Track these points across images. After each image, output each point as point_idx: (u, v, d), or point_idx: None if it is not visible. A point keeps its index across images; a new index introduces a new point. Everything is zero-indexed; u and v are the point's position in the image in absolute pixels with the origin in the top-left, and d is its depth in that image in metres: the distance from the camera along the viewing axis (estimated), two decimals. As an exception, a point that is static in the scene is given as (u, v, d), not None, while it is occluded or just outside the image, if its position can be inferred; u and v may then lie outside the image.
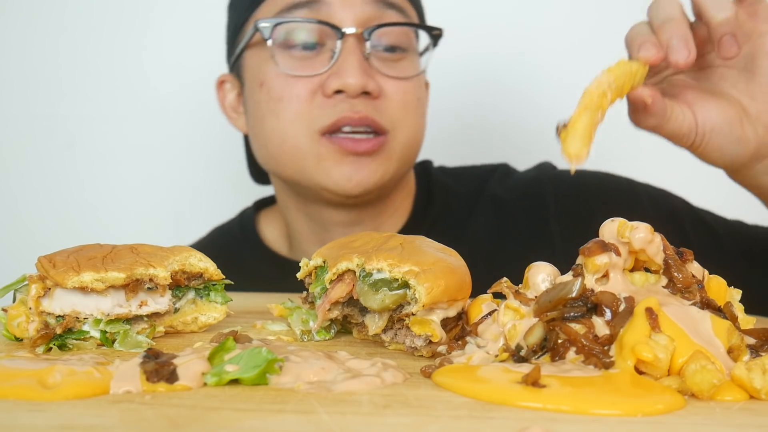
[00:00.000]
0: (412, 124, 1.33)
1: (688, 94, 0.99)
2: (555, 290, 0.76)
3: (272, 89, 1.30)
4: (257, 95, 1.33)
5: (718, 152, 0.98)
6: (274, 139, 1.31)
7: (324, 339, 0.90)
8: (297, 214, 1.44)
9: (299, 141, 1.29)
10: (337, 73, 1.25)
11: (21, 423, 0.58)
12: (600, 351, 0.70)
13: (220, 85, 1.48)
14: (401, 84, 1.31)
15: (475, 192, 1.49)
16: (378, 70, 1.28)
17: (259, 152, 1.39)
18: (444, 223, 1.46)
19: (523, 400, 0.63)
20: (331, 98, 1.26)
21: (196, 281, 0.93)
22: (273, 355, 0.69)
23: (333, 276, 0.85)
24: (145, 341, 0.87)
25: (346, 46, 1.26)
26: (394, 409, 0.62)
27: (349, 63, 1.25)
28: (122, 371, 0.68)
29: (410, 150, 1.36)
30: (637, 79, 0.91)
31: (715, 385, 0.65)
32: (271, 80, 1.30)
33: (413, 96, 1.33)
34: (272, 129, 1.31)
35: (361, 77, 1.24)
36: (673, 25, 0.91)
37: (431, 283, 0.78)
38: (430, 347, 0.80)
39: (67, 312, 0.84)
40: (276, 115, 1.30)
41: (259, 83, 1.32)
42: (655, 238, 0.77)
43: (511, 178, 1.51)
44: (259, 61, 1.33)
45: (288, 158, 1.31)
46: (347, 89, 1.24)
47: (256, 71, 1.34)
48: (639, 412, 0.61)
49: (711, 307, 0.75)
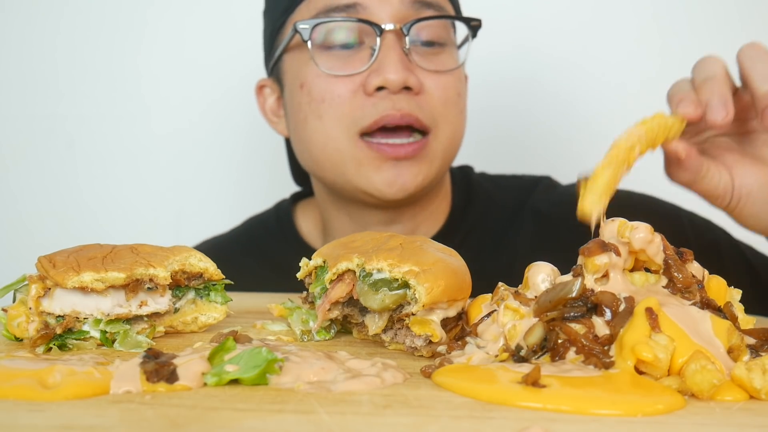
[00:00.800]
0: (453, 119, 1.33)
1: (728, 157, 1.00)
2: (555, 290, 0.76)
3: (313, 90, 1.30)
4: (298, 97, 1.33)
5: (755, 218, 1.00)
6: (317, 142, 1.31)
7: (324, 339, 0.90)
8: (337, 213, 1.44)
9: (340, 143, 1.28)
10: (377, 70, 1.25)
11: (21, 423, 0.58)
12: (600, 351, 0.70)
13: (260, 90, 1.48)
14: (441, 78, 1.30)
15: (518, 203, 1.49)
16: (418, 64, 1.28)
17: (301, 156, 1.39)
18: (483, 230, 1.46)
19: (523, 400, 0.63)
20: (372, 96, 1.26)
21: (196, 281, 0.93)
22: (273, 355, 0.69)
23: (333, 276, 0.85)
24: (145, 341, 0.87)
25: (386, 42, 1.26)
26: (394, 409, 0.62)
27: (389, 59, 1.25)
28: (122, 371, 0.68)
29: (451, 149, 1.36)
30: (672, 132, 0.93)
31: (715, 385, 0.65)
32: (312, 81, 1.30)
33: (453, 90, 1.33)
34: (314, 131, 1.31)
35: (402, 72, 1.24)
36: (714, 84, 0.93)
37: (431, 283, 0.78)
38: (430, 347, 0.80)
39: (67, 312, 0.84)
40: (318, 117, 1.29)
41: (300, 85, 1.32)
42: (655, 238, 0.77)
43: (554, 192, 1.51)
44: (299, 63, 1.33)
45: (329, 161, 1.31)
46: (388, 85, 1.24)
47: (296, 73, 1.34)
48: (639, 412, 0.61)
49: (711, 307, 0.75)
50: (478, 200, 1.50)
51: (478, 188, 1.52)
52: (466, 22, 1.35)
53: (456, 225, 1.46)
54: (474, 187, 1.52)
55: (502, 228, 1.46)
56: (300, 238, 1.51)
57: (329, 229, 1.47)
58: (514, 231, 1.45)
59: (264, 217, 1.61)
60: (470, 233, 1.46)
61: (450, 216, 1.47)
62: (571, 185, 1.52)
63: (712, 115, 0.92)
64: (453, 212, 1.48)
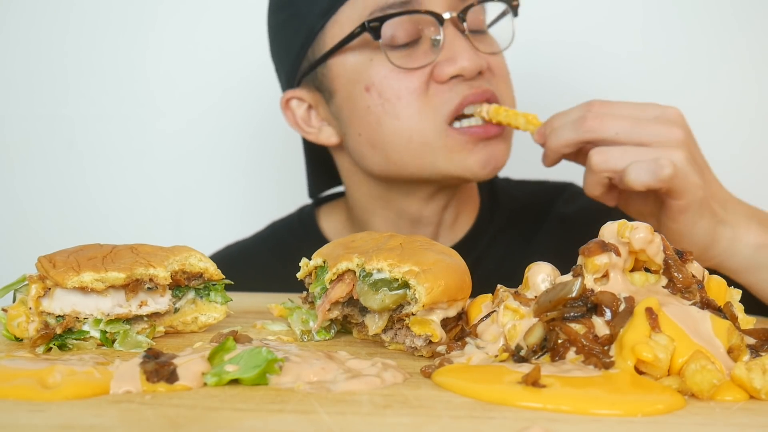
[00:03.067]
0: (511, 95, 1.37)
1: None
2: (555, 290, 0.76)
3: (385, 90, 1.28)
4: (364, 101, 1.30)
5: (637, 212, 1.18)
6: (399, 140, 1.29)
7: (324, 339, 0.90)
8: (383, 212, 1.43)
9: (427, 136, 1.28)
10: (450, 59, 1.26)
11: (21, 423, 0.58)
12: (600, 351, 0.70)
13: (287, 104, 1.43)
14: (497, 59, 1.34)
15: (543, 209, 1.51)
16: (478, 49, 1.30)
17: (372, 159, 1.35)
18: (510, 233, 1.49)
19: (523, 400, 0.63)
20: (446, 84, 1.27)
21: (196, 281, 0.93)
22: (273, 355, 0.69)
23: (333, 276, 0.85)
24: (145, 341, 0.87)
25: (449, 31, 1.27)
26: (394, 409, 0.62)
27: (460, 47, 1.26)
28: (122, 371, 0.69)
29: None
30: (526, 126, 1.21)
31: (715, 385, 0.65)
32: (381, 81, 1.28)
33: (506, 70, 1.37)
34: (394, 131, 1.29)
35: (475, 59, 1.26)
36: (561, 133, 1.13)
37: (431, 283, 0.78)
38: (430, 347, 0.80)
39: (67, 312, 0.84)
40: (395, 116, 1.28)
41: (365, 88, 1.29)
42: (655, 238, 0.77)
43: (579, 200, 1.51)
44: (357, 65, 1.30)
45: (415, 156, 1.30)
46: (465, 72, 1.25)
47: (355, 76, 1.30)
48: (639, 412, 0.61)
49: (711, 307, 0.75)
50: (504, 203, 1.53)
51: (503, 193, 1.55)
52: (508, 2, 1.37)
53: (485, 225, 1.49)
54: (499, 191, 1.55)
55: (529, 232, 1.49)
56: (326, 241, 1.50)
57: (367, 229, 1.46)
58: (540, 236, 1.47)
59: (287, 221, 1.61)
60: (497, 236, 1.48)
61: (479, 216, 1.49)
62: None
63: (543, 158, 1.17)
64: (482, 212, 1.50)
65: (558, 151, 1.13)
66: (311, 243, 1.50)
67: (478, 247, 1.45)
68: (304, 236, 1.54)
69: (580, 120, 1.08)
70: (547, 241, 1.46)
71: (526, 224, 1.50)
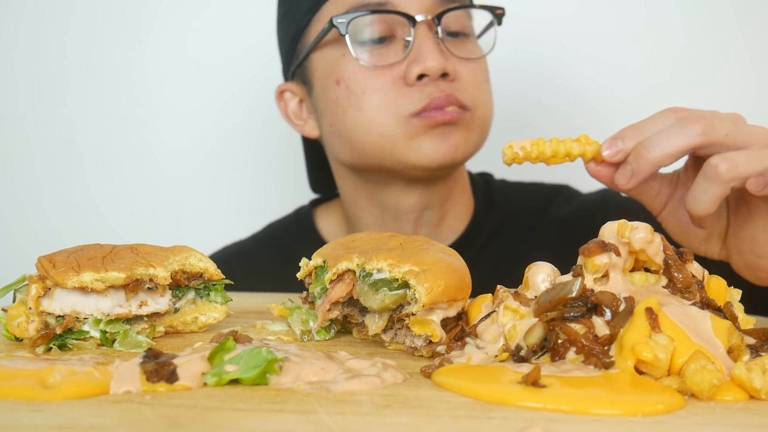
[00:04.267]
0: (486, 102, 1.38)
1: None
2: (555, 290, 0.76)
3: (352, 84, 1.32)
4: (334, 93, 1.34)
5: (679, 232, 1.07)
6: (359, 131, 1.33)
7: (324, 339, 0.90)
8: (369, 206, 1.45)
9: (385, 128, 1.30)
10: (416, 59, 1.28)
11: (21, 423, 0.58)
12: (600, 351, 0.70)
13: (280, 95, 1.49)
14: (472, 65, 1.35)
15: (539, 211, 1.52)
16: (451, 52, 1.32)
17: (341, 149, 1.40)
18: (506, 234, 1.49)
19: (523, 400, 0.63)
20: (413, 86, 1.29)
21: (196, 281, 0.93)
22: (273, 355, 0.69)
23: (333, 276, 0.85)
24: (145, 341, 0.87)
25: (420, 32, 1.29)
26: (394, 409, 0.62)
27: (427, 47, 1.28)
28: (122, 371, 0.68)
29: (485, 128, 1.39)
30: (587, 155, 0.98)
31: (715, 385, 0.65)
32: (350, 76, 1.32)
33: (483, 77, 1.38)
34: (356, 122, 1.32)
35: (440, 59, 1.28)
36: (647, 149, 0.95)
37: (431, 283, 0.78)
38: (430, 347, 0.80)
39: (67, 312, 0.84)
40: (358, 108, 1.32)
41: (336, 81, 1.34)
42: (655, 238, 0.77)
43: (575, 201, 1.54)
44: (332, 59, 1.35)
45: (374, 146, 1.33)
46: (429, 72, 1.27)
47: (329, 70, 1.35)
48: (639, 412, 0.61)
49: (711, 307, 0.75)
50: (499, 205, 1.53)
51: (499, 194, 1.56)
52: (491, 10, 1.39)
53: (479, 227, 1.49)
54: (495, 192, 1.56)
55: (525, 234, 1.49)
56: (322, 241, 1.52)
57: (357, 227, 1.49)
58: (537, 237, 1.48)
59: (284, 221, 1.63)
60: (493, 237, 1.49)
61: (474, 217, 1.50)
62: (590, 193, 1.55)
63: (617, 177, 0.97)
64: (476, 213, 1.51)
65: (658, 162, 0.93)
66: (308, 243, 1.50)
67: (473, 247, 1.46)
68: (301, 237, 1.56)
69: (686, 123, 0.92)
70: (543, 242, 1.47)
71: (522, 225, 1.50)
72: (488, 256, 1.46)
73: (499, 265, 1.43)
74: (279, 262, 1.52)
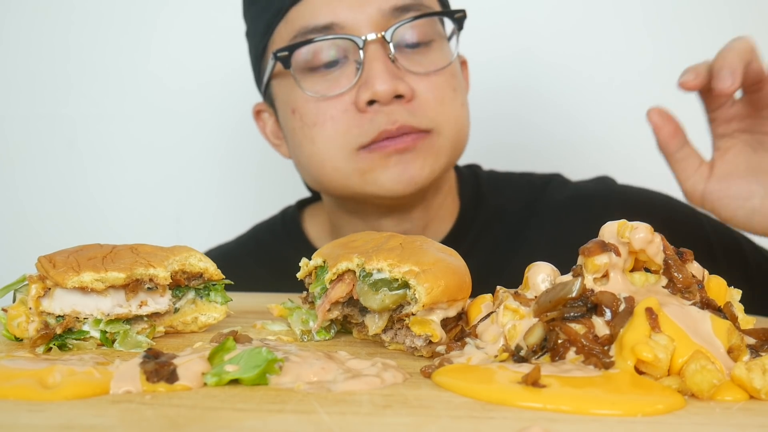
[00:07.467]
0: (453, 117, 1.29)
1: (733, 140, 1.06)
2: (555, 290, 0.76)
3: (304, 115, 1.27)
4: (291, 122, 1.30)
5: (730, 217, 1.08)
6: (314, 164, 1.29)
7: (324, 339, 0.90)
8: (349, 218, 1.42)
9: (337, 162, 1.26)
10: (365, 84, 1.21)
11: (21, 423, 0.58)
12: (600, 351, 0.70)
13: (258, 115, 1.45)
14: (433, 79, 1.26)
15: (531, 200, 1.46)
16: (407, 69, 1.24)
17: (306, 178, 1.37)
18: (495, 230, 1.43)
19: (523, 400, 0.63)
20: (366, 112, 1.22)
21: (196, 281, 0.93)
22: (273, 355, 0.69)
23: (333, 276, 0.85)
24: (145, 341, 0.87)
25: (369, 53, 1.21)
26: (394, 409, 0.62)
27: (375, 70, 1.20)
28: (122, 371, 0.68)
29: (458, 142, 1.31)
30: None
31: (715, 385, 0.65)
32: (302, 106, 1.26)
33: (448, 88, 1.28)
34: (310, 154, 1.28)
35: (390, 82, 1.20)
36: (727, 54, 0.96)
37: (431, 283, 0.78)
38: (430, 347, 0.80)
39: (67, 312, 0.84)
40: (311, 140, 1.27)
41: (291, 110, 1.29)
42: (655, 238, 0.77)
43: (568, 189, 1.48)
44: (287, 88, 1.30)
45: (331, 179, 1.28)
46: (378, 97, 1.20)
47: (286, 99, 1.31)
48: (639, 412, 0.61)
49: (711, 307, 0.75)
50: (489, 198, 1.47)
51: (488, 187, 1.49)
52: (449, 15, 1.30)
53: (467, 224, 1.44)
54: (483, 185, 1.49)
55: (518, 225, 1.43)
56: (308, 242, 1.50)
57: (340, 233, 1.45)
58: (531, 228, 1.42)
59: (270, 223, 1.59)
60: (483, 232, 1.43)
61: (460, 215, 1.45)
62: (582, 181, 1.51)
63: (716, 83, 0.95)
64: (463, 211, 1.45)
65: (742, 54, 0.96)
66: (294, 246, 1.49)
67: (464, 244, 1.39)
68: (286, 238, 1.52)
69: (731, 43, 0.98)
70: (539, 234, 1.42)
71: (515, 215, 1.45)
72: (478, 253, 1.39)
73: (491, 260, 1.38)
74: (262, 265, 1.49)
